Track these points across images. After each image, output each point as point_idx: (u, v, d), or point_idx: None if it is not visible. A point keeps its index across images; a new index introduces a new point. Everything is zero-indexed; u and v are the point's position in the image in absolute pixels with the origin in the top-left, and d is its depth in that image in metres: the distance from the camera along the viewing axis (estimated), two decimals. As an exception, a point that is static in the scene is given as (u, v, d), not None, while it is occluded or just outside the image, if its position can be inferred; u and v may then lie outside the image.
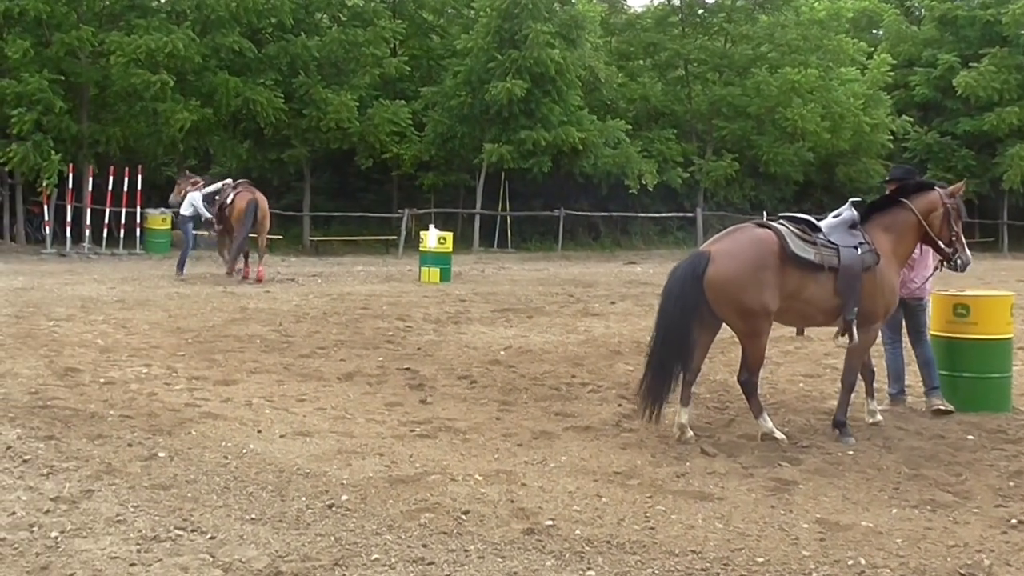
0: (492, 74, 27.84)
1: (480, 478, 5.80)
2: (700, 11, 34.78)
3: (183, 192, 18.82)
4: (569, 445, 6.63)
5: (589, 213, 31.43)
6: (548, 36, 27.54)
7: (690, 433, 6.74)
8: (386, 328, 12.09)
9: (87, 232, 24.10)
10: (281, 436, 6.67)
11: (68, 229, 23.61)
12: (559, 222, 30.10)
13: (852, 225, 6.99)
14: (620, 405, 7.91)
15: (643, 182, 29.83)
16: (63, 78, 23.51)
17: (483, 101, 28.01)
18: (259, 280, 17.64)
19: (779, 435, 6.71)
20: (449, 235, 19.73)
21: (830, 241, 6.82)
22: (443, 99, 29.27)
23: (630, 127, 30.95)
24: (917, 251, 7.49)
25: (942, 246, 7.17)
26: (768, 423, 6.79)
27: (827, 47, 33.18)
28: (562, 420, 7.38)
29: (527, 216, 31.00)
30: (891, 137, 34.66)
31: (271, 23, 27.57)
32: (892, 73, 35.04)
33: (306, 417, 7.26)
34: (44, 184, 23.00)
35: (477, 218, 29.65)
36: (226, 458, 6.09)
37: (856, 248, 6.81)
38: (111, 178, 24.35)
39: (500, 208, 30.22)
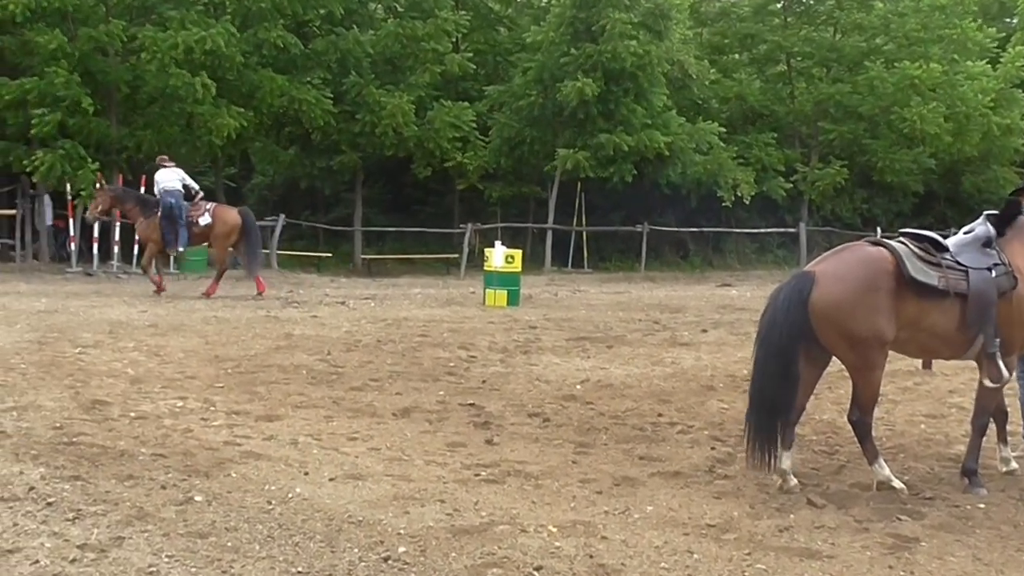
0: (566, 71, 27.93)
1: (554, 529, 5.78)
2: (805, -2, 34.62)
3: (101, 206, 19.40)
4: (655, 493, 6.59)
5: (676, 228, 31.34)
6: (629, 27, 27.55)
7: (794, 481, 6.65)
8: (447, 358, 12.13)
9: (116, 249, 24.45)
10: (330, 479, 6.72)
11: (95, 245, 23.94)
12: (642, 238, 30.00)
13: (986, 243, 6.81)
14: (713, 448, 7.84)
15: (738, 193, 29.65)
16: (90, 74, 23.88)
17: (556, 101, 28.10)
18: (208, 295, 18.53)
19: (897, 484, 6.60)
20: (518, 253, 19.79)
21: (958, 262, 6.69)
22: (511, 99, 29.45)
23: (723, 130, 30.80)
24: None
25: None
26: (884, 470, 6.68)
27: (951, 37, 32.75)
28: (647, 464, 7.34)
29: (606, 232, 30.99)
30: (1026, 142, 34.07)
31: (319, 15, 27.84)
32: (1028, 68, 34.42)
33: (358, 458, 7.30)
34: (77, 195, 23.39)
35: (549, 234, 29.70)
36: (269, 503, 6.15)
37: (990, 270, 6.67)
38: (142, 188, 24.67)
39: (575, 223, 30.26)
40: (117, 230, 24.50)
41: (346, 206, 31.83)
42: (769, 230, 32.91)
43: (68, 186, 23.71)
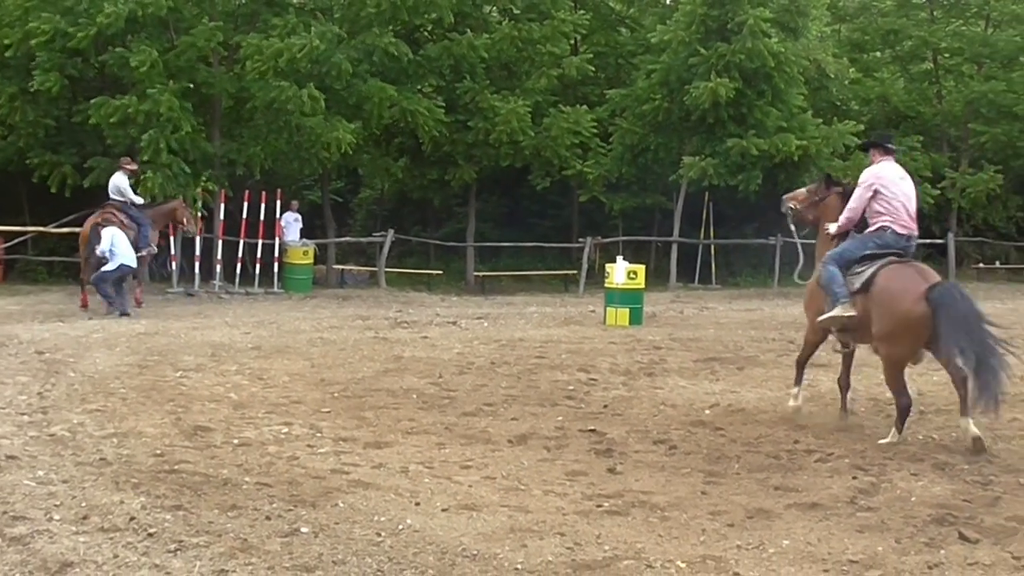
0: (695, 72, 27.73)
1: (683, 565, 5.73)
2: (954, -11, 33.91)
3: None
4: (792, 526, 6.50)
5: (812, 241, 30.81)
6: (766, 24, 27.29)
7: None
8: (566, 381, 12.13)
9: (218, 268, 24.87)
10: (443, 510, 6.76)
11: (197, 264, 24.36)
12: (775, 252, 29.58)
13: None
14: (855, 477, 7.69)
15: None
16: (191, 86, 24.40)
17: (683, 105, 27.93)
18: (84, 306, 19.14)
19: None
20: (641, 268, 19.69)
21: None
22: (634, 104, 29.30)
23: (864, 130, 30.21)
24: None
25: None
26: None
27: (1119, 27, 31.76)
28: (783, 495, 7.24)
29: (736, 245, 30.71)
30: None
31: (430, 19, 28.09)
32: None
33: (472, 487, 7.34)
34: (193, 213, 23.86)
35: (674, 247, 29.51)
36: (379, 535, 6.20)
37: None
38: (245, 204, 25.13)
39: (703, 235, 30.03)
40: (219, 248, 24.91)
41: (459, 220, 32.09)
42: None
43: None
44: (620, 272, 19.29)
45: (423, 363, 13.30)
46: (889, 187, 9.41)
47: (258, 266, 25.15)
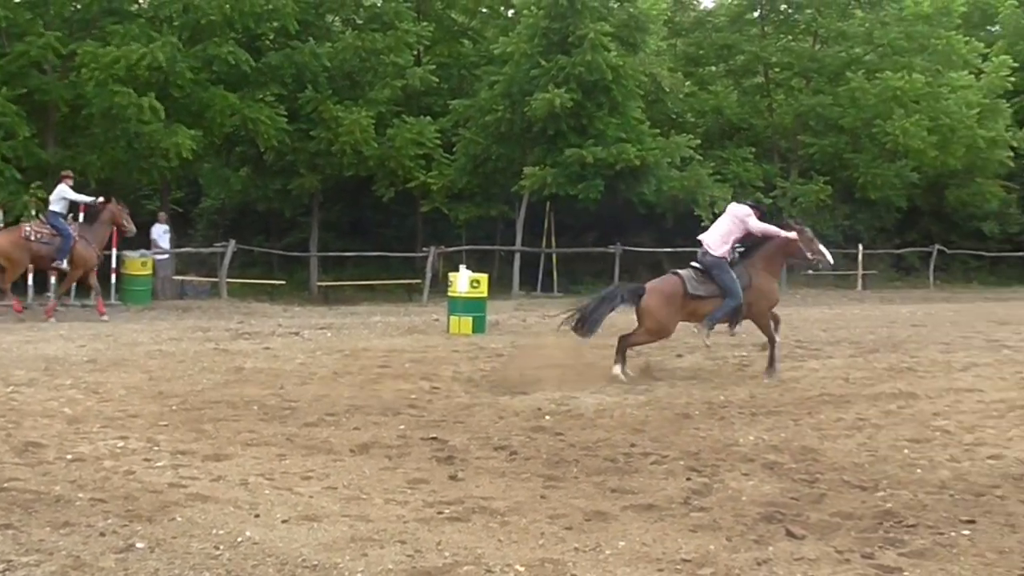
0: (536, 84, 28.01)
1: (521, 568, 5.77)
2: (783, 6, 34.90)
3: None
4: (628, 528, 6.59)
5: (652, 249, 31.44)
6: (606, 38, 27.70)
7: None
8: (408, 390, 12.10)
9: (52, 279, 24.14)
10: (283, 521, 6.68)
11: (30, 276, 23.69)
12: (615, 260, 30.07)
13: None
14: (689, 478, 7.86)
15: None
16: (25, 91, 23.64)
17: (524, 116, 28.17)
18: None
19: None
20: (484, 277, 19.77)
21: None
22: (477, 114, 29.47)
23: (699, 143, 30.89)
24: None
25: None
26: None
27: (935, 47, 33.12)
28: (620, 498, 7.34)
29: (577, 253, 31.07)
30: (1011, 154, 34.40)
31: (272, 28, 27.82)
32: (1012, 78, 34.74)
33: (313, 498, 7.27)
34: (16, 222, 23.15)
35: (517, 256, 29.73)
36: (217, 548, 6.10)
37: None
38: (82, 215, 24.44)
39: (545, 244, 30.31)
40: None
41: (302, 230, 31.79)
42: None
43: (1, 212, 23.42)
44: (463, 281, 19.34)
45: (264, 374, 13.13)
46: None
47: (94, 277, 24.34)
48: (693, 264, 13.40)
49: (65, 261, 20.08)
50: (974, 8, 38.41)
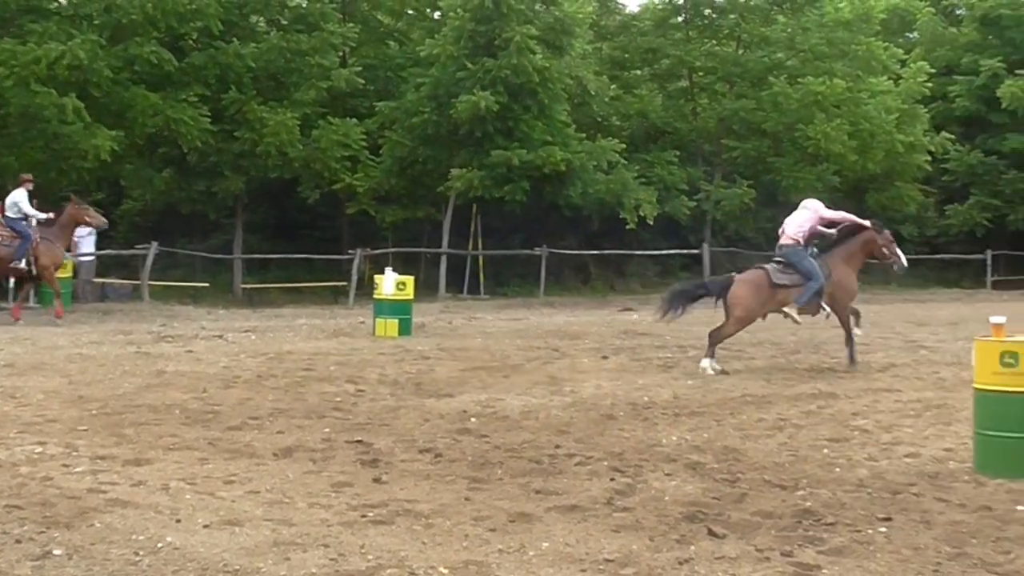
0: (462, 86, 28.02)
1: (445, 571, 5.76)
2: (707, 11, 35.24)
3: None
4: (552, 528, 6.61)
5: (577, 251, 31.61)
6: (532, 41, 27.78)
7: None
8: (333, 393, 12.04)
9: (11, 282, 23.64)
10: (205, 526, 6.61)
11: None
12: (541, 262, 30.15)
13: None
14: (612, 479, 7.89)
15: (641, 214, 29.89)
16: None
17: (451, 118, 28.16)
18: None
19: None
20: (410, 280, 19.72)
21: None
22: (403, 116, 29.43)
23: (625, 146, 31.08)
24: None
25: None
26: None
27: (855, 53, 33.66)
28: (544, 499, 7.36)
29: (503, 256, 31.13)
30: (929, 158, 35.09)
31: (195, 28, 27.54)
32: (929, 83, 35.45)
33: (235, 502, 7.20)
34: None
35: (443, 259, 29.71)
36: (137, 555, 6.01)
37: None
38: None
39: (471, 246, 30.32)
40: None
41: (226, 232, 31.49)
42: (672, 252, 33.25)
43: None
44: (389, 283, 19.27)
45: (187, 378, 12.99)
46: None
47: (11, 280, 23.93)
48: (775, 259, 14.66)
49: (24, 262, 19.78)
50: (893, 15, 39.16)
